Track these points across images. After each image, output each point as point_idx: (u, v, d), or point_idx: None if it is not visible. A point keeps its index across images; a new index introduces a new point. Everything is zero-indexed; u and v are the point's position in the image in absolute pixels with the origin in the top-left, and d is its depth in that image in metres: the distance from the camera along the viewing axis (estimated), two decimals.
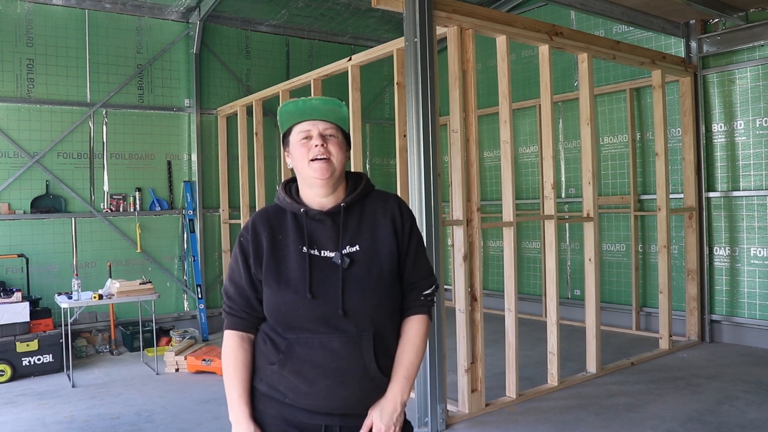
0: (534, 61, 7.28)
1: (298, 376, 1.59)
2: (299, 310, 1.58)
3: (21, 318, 5.47)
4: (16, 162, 6.24)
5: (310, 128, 1.65)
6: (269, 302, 1.62)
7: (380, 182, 8.66)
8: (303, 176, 1.66)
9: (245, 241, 1.66)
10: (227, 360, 1.66)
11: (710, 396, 4.36)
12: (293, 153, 1.67)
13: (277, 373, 1.61)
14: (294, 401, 1.61)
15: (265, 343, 1.65)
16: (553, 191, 4.68)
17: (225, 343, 1.67)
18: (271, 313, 1.63)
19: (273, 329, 1.64)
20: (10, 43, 6.23)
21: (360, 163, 5.09)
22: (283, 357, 1.60)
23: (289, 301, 1.59)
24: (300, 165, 1.65)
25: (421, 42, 3.87)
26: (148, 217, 6.95)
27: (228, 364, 1.65)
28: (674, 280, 6.06)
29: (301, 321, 1.59)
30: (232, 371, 1.64)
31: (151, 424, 4.18)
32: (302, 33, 8.06)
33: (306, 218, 1.65)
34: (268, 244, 1.64)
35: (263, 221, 1.68)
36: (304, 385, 1.59)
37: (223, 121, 7.36)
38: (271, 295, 1.61)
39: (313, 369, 1.58)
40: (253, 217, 1.72)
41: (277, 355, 1.61)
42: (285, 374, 1.60)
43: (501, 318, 4.62)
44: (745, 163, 5.74)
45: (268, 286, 1.62)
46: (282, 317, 1.60)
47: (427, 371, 3.87)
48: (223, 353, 1.67)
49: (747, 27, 5.60)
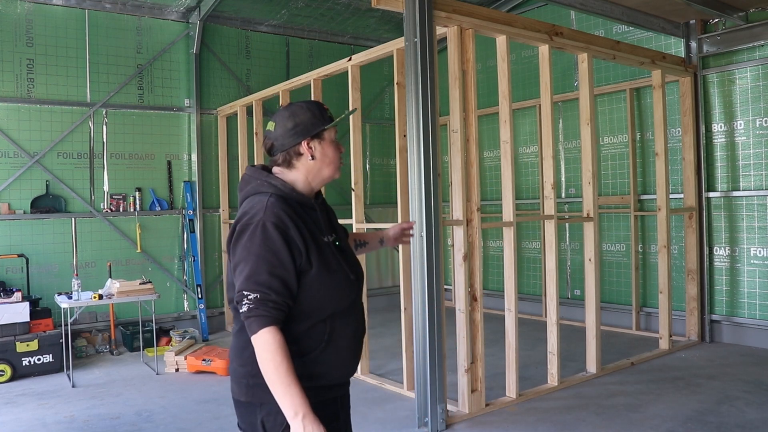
0: (534, 61, 7.28)
1: (337, 353, 1.72)
2: (346, 292, 1.74)
3: (21, 318, 5.47)
4: (16, 162, 6.25)
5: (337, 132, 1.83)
6: (321, 291, 1.67)
7: (380, 182, 8.67)
8: (326, 171, 1.79)
9: (284, 232, 1.62)
10: (282, 355, 1.56)
11: (710, 396, 4.36)
12: (326, 150, 1.78)
13: (315, 360, 1.68)
14: (329, 380, 1.73)
15: (300, 336, 1.67)
16: (553, 191, 4.68)
17: (273, 339, 1.57)
18: (322, 301, 1.68)
19: (309, 321, 1.68)
20: (10, 43, 6.23)
21: (360, 163, 5.09)
22: (327, 339, 1.70)
23: (339, 285, 1.72)
24: (327, 163, 1.79)
25: (421, 42, 3.87)
26: (148, 217, 6.95)
27: (284, 360, 1.56)
28: (674, 280, 6.06)
29: (346, 301, 1.75)
30: (289, 366, 1.56)
31: (151, 424, 4.18)
32: (302, 33, 8.06)
33: (318, 209, 1.79)
34: (306, 233, 1.68)
35: (289, 211, 1.67)
36: (340, 361, 1.74)
37: (223, 121, 7.36)
38: (323, 283, 1.68)
39: (347, 343, 1.75)
40: (275, 206, 1.66)
41: (318, 341, 1.69)
42: (324, 357, 1.69)
43: (501, 318, 4.62)
44: (745, 163, 5.74)
45: (321, 274, 1.67)
46: (332, 302, 1.70)
47: (427, 371, 3.87)
48: (273, 350, 1.56)
49: (747, 27, 5.60)
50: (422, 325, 3.91)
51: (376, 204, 8.59)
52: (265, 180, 1.74)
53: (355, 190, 5.06)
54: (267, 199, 1.68)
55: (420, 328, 3.93)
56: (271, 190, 1.71)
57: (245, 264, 1.61)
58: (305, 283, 1.65)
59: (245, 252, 1.62)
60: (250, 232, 1.63)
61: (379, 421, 4.09)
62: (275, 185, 1.72)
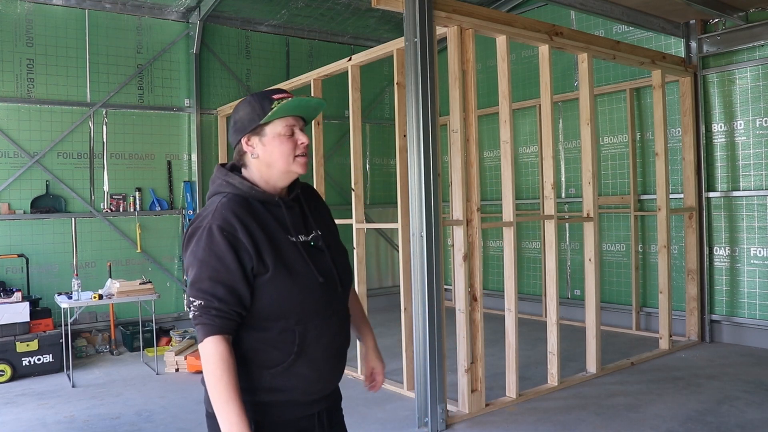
0: (534, 61, 7.28)
1: (310, 365, 1.61)
2: (314, 295, 1.61)
3: (21, 318, 5.47)
4: (16, 162, 6.25)
5: (294, 124, 1.67)
6: (282, 294, 1.56)
7: (380, 182, 8.67)
8: (277, 168, 1.65)
9: (231, 235, 1.53)
10: (222, 368, 1.48)
11: (710, 396, 4.36)
12: (270, 144, 1.64)
13: (284, 372, 1.57)
14: (302, 394, 1.62)
15: (264, 346, 1.57)
16: (553, 191, 4.68)
17: (215, 350, 1.49)
18: (283, 306, 1.56)
19: (274, 329, 1.57)
20: (10, 43, 6.23)
21: (360, 163, 5.09)
22: (297, 350, 1.58)
23: (305, 288, 1.59)
24: (279, 158, 1.64)
25: (421, 42, 3.87)
26: (148, 217, 6.95)
27: (224, 373, 1.48)
28: (674, 280, 6.06)
29: (315, 307, 1.61)
30: (229, 380, 1.48)
31: (151, 424, 4.18)
32: (302, 33, 8.06)
33: (284, 207, 1.67)
34: (262, 234, 1.57)
35: (242, 212, 1.57)
36: (315, 373, 1.62)
37: (223, 121, 7.36)
38: (284, 287, 1.56)
39: (323, 353, 1.63)
40: (225, 208, 1.58)
41: (287, 352, 1.57)
42: (296, 368, 1.58)
43: (501, 318, 4.62)
44: (745, 163, 5.74)
45: (280, 277, 1.55)
46: (296, 307, 1.58)
47: (427, 371, 3.87)
48: (214, 362, 1.49)
49: (747, 27, 5.60)
50: (422, 325, 3.91)
51: (376, 204, 8.58)
52: (224, 179, 1.65)
53: (355, 190, 5.06)
54: (219, 201, 1.60)
55: (420, 328, 3.93)
56: (229, 189, 1.63)
57: (191, 269, 1.55)
58: (261, 286, 1.55)
59: (192, 257, 1.55)
60: (198, 236, 1.56)
61: (379, 421, 4.09)
62: (233, 184, 1.63)
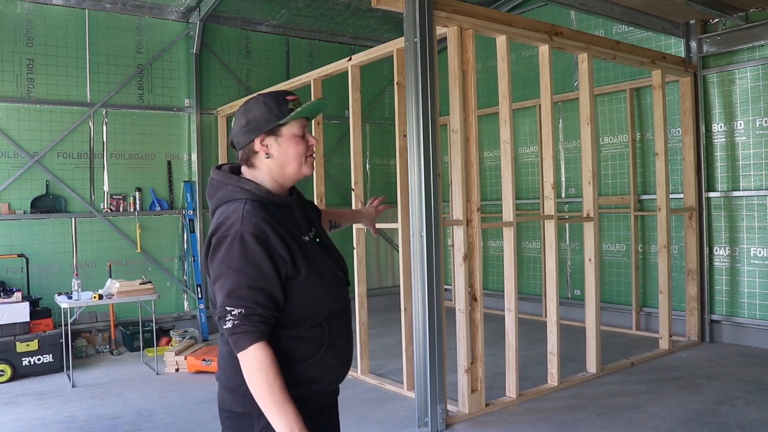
0: (534, 61, 7.28)
1: (336, 355, 1.68)
2: (338, 291, 1.69)
3: (21, 318, 5.47)
4: (16, 162, 6.24)
5: (306, 125, 1.70)
6: (314, 294, 1.60)
7: (380, 182, 8.67)
8: (290, 168, 1.67)
9: (265, 242, 1.53)
10: (274, 372, 1.50)
11: (710, 396, 4.36)
12: (286, 145, 1.65)
13: (315, 364, 1.62)
14: (328, 384, 1.69)
15: (297, 342, 1.60)
16: (553, 191, 4.68)
17: (264, 356, 1.50)
18: (316, 305, 1.61)
19: (306, 325, 1.61)
20: (10, 43, 6.23)
21: (360, 163, 5.09)
22: (328, 342, 1.65)
23: (331, 286, 1.66)
24: (293, 158, 1.66)
25: (421, 42, 3.87)
26: (148, 217, 6.95)
27: (276, 377, 1.50)
28: (674, 280, 6.06)
29: (339, 303, 1.69)
30: (281, 383, 1.50)
31: (151, 424, 4.18)
32: (302, 33, 8.06)
33: (297, 209, 1.70)
34: (289, 237, 1.58)
35: (268, 218, 1.57)
36: (339, 362, 1.70)
37: (223, 121, 7.35)
38: (316, 287, 1.61)
39: (343, 342, 1.71)
40: (252, 215, 1.56)
41: (319, 345, 1.63)
42: (325, 359, 1.64)
43: (501, 318, 4.62)
44: (745, 163, 5.74)
45: (311, 278, 1.59)
46: (326, 305, 1.64)
47: (427, 371, 3.87)
48: (265, 367, 1.50)
49: (747, 27, 5.60)
50: (422, 325, 3.91)
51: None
52: (236, 185, 1.62)
53: (355, 190, 5.06)
54: (242, 207, 1.57)
55: (420, 328, 3.93)
56: (246, 195, 1.60)
57: (225, 279, 1.52)
58: (294, 289, 1.57)
59: (224, 267, 1.52)
60: (228, 245, 1.53)
61: (379, 421, 4.09)
62: (249, 190, 1.61)
